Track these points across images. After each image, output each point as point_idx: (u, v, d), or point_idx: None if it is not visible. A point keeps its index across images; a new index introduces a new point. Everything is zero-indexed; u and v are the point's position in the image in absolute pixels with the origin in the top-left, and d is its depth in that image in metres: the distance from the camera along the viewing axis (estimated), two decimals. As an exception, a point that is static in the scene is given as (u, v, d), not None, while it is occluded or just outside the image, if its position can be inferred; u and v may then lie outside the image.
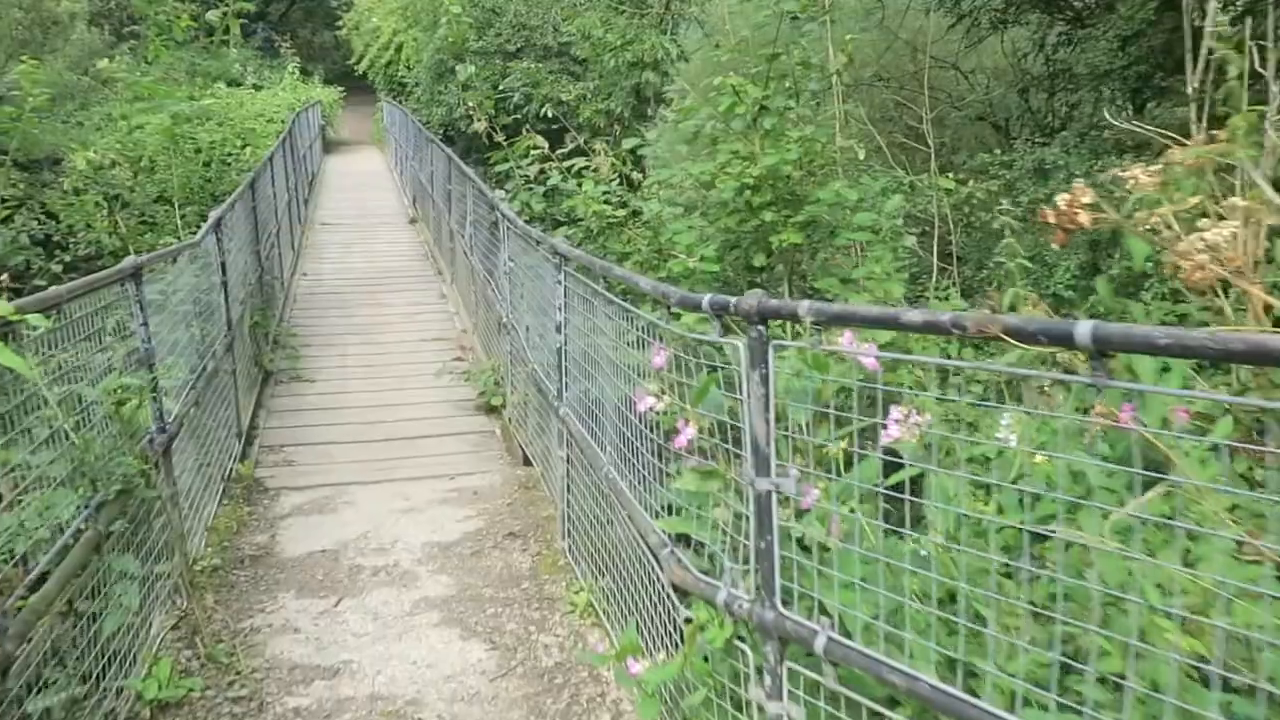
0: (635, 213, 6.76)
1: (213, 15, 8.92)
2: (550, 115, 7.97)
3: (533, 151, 6.64)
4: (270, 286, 9.63)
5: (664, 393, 2.77)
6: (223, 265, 6.52)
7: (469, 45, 8.08)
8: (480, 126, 7.42)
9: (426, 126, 17.83)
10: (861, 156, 6.79)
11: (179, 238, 7.94)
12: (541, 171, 6.50)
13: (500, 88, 10.11)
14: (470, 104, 7.58)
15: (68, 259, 8.36)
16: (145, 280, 4.85)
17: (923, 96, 11.83)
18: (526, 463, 6.61)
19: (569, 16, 10.57)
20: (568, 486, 4.96)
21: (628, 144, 6.35)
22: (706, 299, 2.57)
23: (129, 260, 4.26)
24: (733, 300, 2.45)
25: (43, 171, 11.60)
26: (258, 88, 29.34)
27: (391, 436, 7.18)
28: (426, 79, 23.68)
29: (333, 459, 6.80)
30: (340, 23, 31.25)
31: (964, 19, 12.60)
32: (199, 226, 6.80)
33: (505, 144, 7.24)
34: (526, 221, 6.76)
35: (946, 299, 6.40)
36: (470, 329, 9.67)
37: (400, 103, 24.79)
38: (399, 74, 26.95)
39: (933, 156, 8.40)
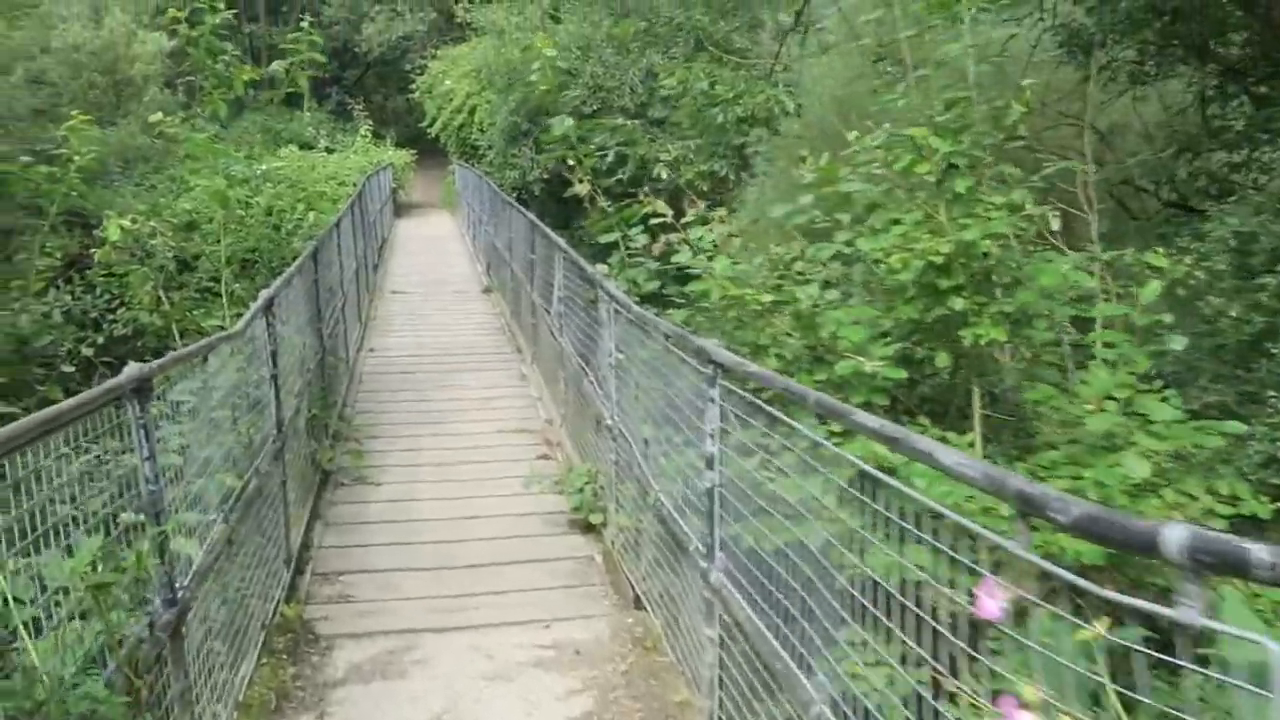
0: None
1: (277, 65, 7.93)
2: (661, 177, 6.79)
3: (654, 219, 5.42)
4: (333, 368, 8.52)
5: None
6: (273, 355, 5.36)
7: (562, 95, 7.03)
8: (582, 189, 6.25)
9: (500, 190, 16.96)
10: (1055, 227, 5.46)
11: (225, 321, 6.86)
12: (668, 245, 5.27)
13: (596, 145, 8.99)
14: (570, 162, 6.41)
15: (100, 340, 7.34)
16: (168, 384, 3.72)
17: (1051, 157, 10.42)
18: (638, 604, 5.29)
19: (668, 70, 9.49)
20: (721, 680, 3.62)
21: (776, 212, 5.09)
22: (1177, 537, 1.25)
23: (131, 370, 3.08)
24: (1255, 551, 1.13)
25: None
26: (330, 150, 29.05)
27: (470, 562, 5.91)
28: (499, 142, 22.98)
29: (399, 592, 5.54)
30: (414, 86, 30.91)
31: (1103, 70, 11.28)
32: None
33: (612, 210, 6.05)
34: (636, 303, 5.54)
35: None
36: (557, 420, 8.42)
37: (472, 166, 24.14)
38: (471, 137, 26.34)
39: (1094, 227, 7.03)
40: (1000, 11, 11.87)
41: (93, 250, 6.98)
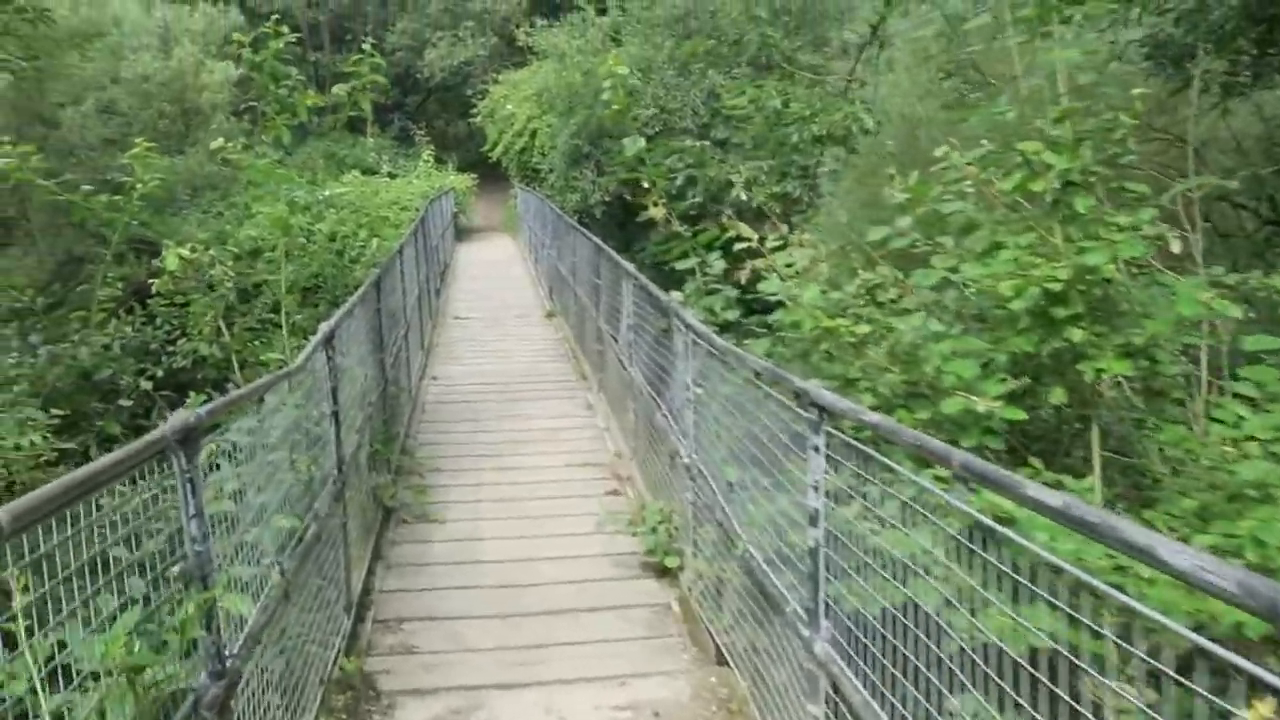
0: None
1: (340, 89, 7.75)
2: (741, 198, 6.39)
3: (738, 244, 5.06)
4: (395, 398, 8.28)
5: None
6: (334, 391, 5.09)
7: (634, 115, 6.68)
8: (657, 213, 5.91)
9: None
10: (1176, 249, 4.97)
11: (286, 354, 6.62)
12: (754, 271, 4.90)
13: (666, 167, 8.66)
14: (643, 184, 6.08)
15: (159, 373, 7.15)
16: (225, 422, 3.45)
17: (1140, 172, 9.90)
18: (720, 659, 4.89)
19: (738, 89, 9.14)
20: (829, 765, 3.21)
21: (874, 235, 4.68)
22: None
23: (176, 419, 2.79)
24: None
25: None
26: (392, 176, 29.26)
27: (538, 608, 5.56)
28: (560, 165, 22.90)
29: (464, 643, 5.21)
30: (475, 111, 31.04)
31: (1204, 76, 10.69)
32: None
33: (688, 233, 5.71)
34: (715, 333, 5.17)
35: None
36: (626, 453, 8.07)
37: (534, 189, 24.13)
38: (532, 160, 26.32)
39: (1198, 248, 6.50)
40: (1086, 23, 11.34)
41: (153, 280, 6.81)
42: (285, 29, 7.43)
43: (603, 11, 26.08)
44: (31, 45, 17.57)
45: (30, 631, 2.11)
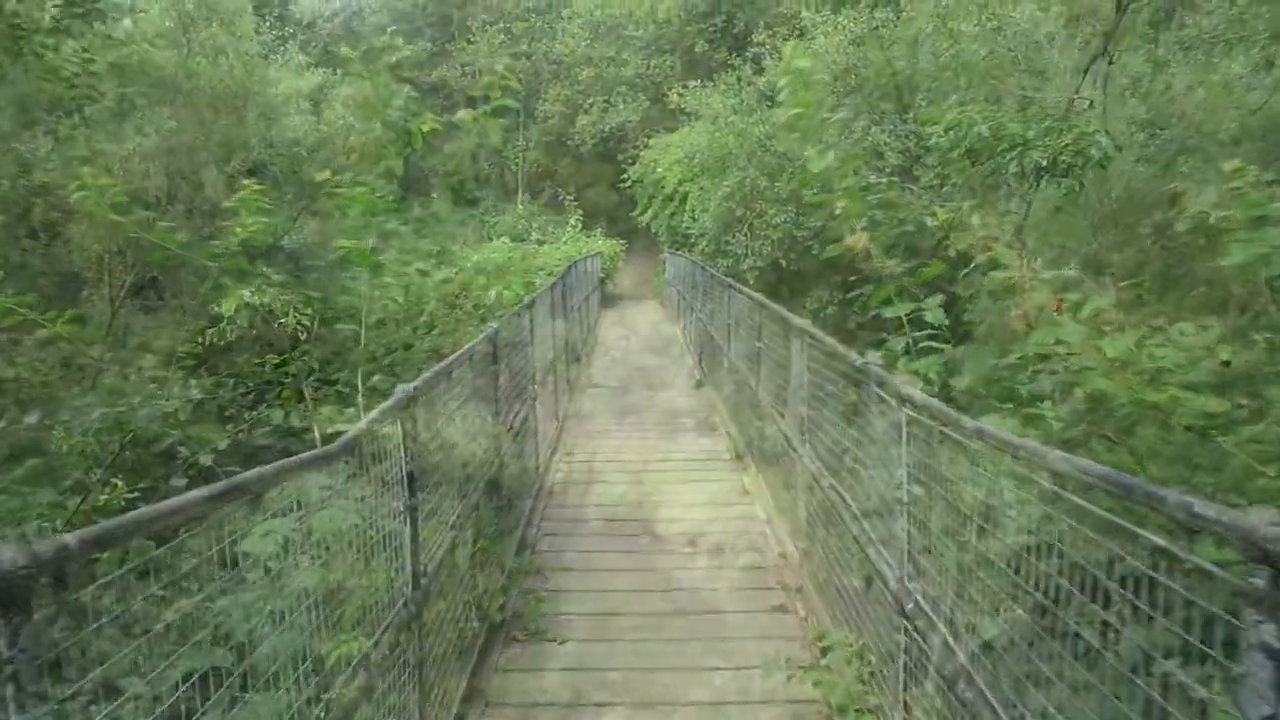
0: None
1: (464, 115, 6.59)
2: (972, 222, 4.79)
3: (990, 279, 3.49)
4: (515, 479, 6.92)
5: None
6: (410, 477, 3.71)
7: (824, 119, 5.21)
8: (858, 241, 4.42)
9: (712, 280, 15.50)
10: None
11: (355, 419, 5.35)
12: (1028, 315, 3.28)
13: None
14: (838, 206, 4.57)
15: (222, 445, 5.97)
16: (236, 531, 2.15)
17: None
18: None
19: (934, 118, 7.58)
20: None
21: (1234, 257, 3.00)
22: None
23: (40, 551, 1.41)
24: None
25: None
26: (540, 242, 28.81)
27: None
28: (712, 228, 21.81)
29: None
30: (625, 177, 30.34)
31: None
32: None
33: (897, 274, 4.19)
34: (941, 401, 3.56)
35: None
36: (795, 556, 6.44)
37: (683, 254, 23.13)
38: (682, 224, 25.30)
39: None
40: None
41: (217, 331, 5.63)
42: (400, 41, 6.34)
43: (759, 71, 25.01)
44: (190, 108, 17.57)
45: None
